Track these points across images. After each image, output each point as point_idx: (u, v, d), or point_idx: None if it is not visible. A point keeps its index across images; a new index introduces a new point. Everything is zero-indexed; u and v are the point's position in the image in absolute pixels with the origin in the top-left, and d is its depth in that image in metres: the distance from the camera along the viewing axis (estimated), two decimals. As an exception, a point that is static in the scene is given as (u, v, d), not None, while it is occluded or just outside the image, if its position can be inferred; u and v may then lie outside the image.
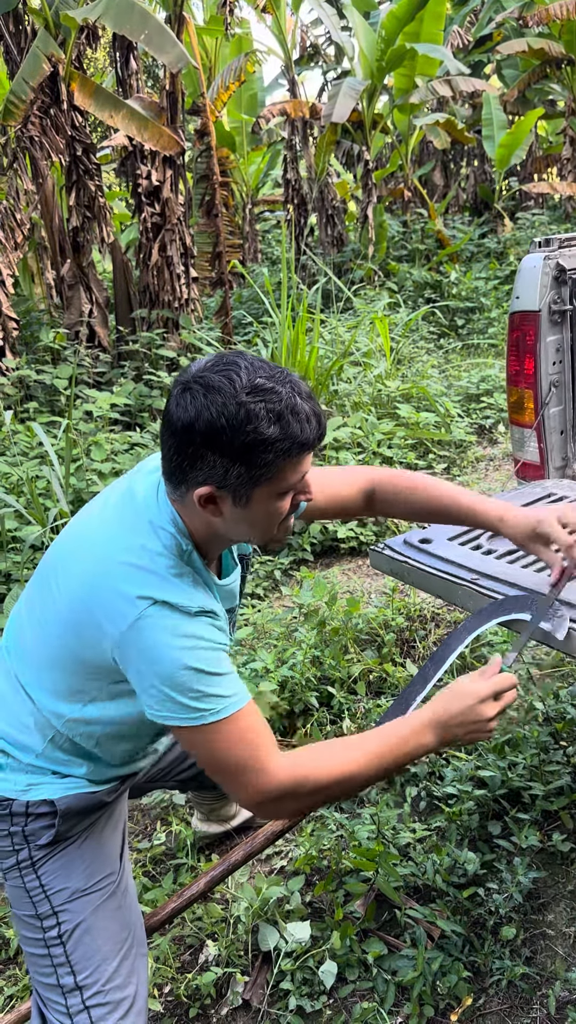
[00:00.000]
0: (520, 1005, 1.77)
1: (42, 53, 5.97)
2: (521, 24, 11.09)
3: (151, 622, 1.22)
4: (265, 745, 1.27)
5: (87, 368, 6.41)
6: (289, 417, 1.20)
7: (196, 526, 1.30)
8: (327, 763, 1.29)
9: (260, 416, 1.17)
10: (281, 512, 1.29)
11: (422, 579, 1.94)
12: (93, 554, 1.30)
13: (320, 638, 3.08)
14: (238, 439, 1.18)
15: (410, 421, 5.44)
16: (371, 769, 1.31)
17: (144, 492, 1.34)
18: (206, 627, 1.26)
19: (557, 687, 2.70)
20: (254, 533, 1.33)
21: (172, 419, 1.21)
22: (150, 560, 1.25)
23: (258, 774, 1.25)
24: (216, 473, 1.21)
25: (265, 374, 1.21)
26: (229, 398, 1.17)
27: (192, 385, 1.20)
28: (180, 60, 5.83)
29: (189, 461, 1.21)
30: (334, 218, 11.89)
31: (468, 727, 1.35)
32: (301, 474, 1.27)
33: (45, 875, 1.41)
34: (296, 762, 1.28)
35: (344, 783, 1.30)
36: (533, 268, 2.48)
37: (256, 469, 1.21)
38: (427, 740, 1.35)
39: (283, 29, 11.50)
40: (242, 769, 1.25)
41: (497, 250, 11.66)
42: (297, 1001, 1.80)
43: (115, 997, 1.40)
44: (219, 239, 7.48)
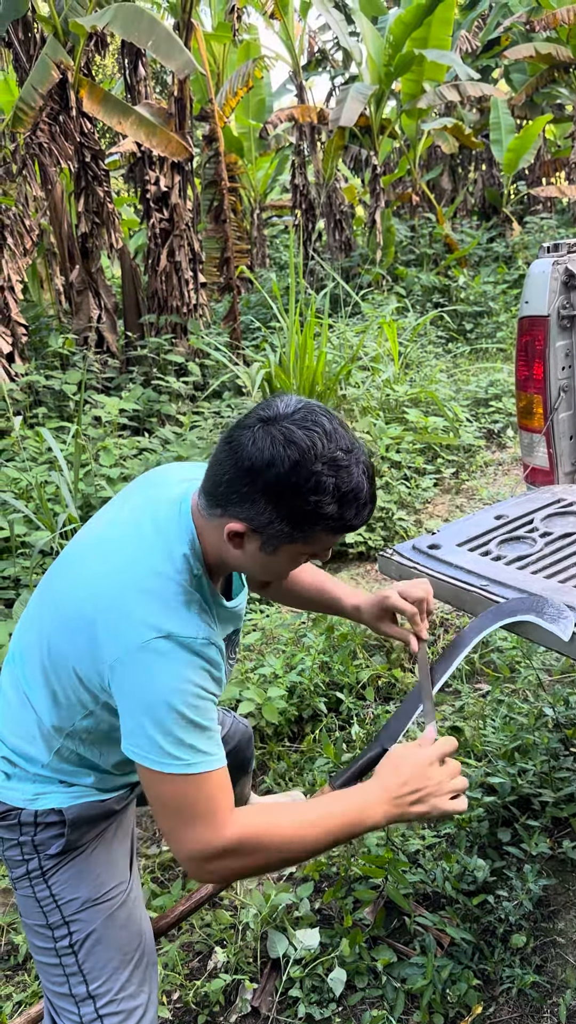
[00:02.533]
0: (530, 1014, 1.76)
1: (51, 60, 6.00)
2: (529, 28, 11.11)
3: (153, 656, 1.20)
4: (223, 806, 1.23)
5: (96, 373, 6.43)
6: (351, 500, 1.21)
7: (212, 547, 1.30)
8: (274, 824, 1.25)
9: (327, 491, 1.18)
10: (294, 567, 1.32)
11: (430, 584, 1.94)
12: (105, 569, 1.29)
13: (329, 643, 3.08)
14: (297, 503, 1.18)
15: (419, 425, 5.43)
16: (316, 836, 1.25)
17: (166, 507, 1.33)
18: (203, 674, 1.24)
19: (567, 693, 2.69)
20: (260, 575, 1.34)
21: (240, 452, 1.19)
22: (161, 585, 1.24)
23: (207, 832, 1.21)
24: (260, 519, 1.21)
25: (344, 447, 1.20)
26: (307, 461, 1.16)
27: (274, 429, 1.18)
28: (188, 66, 5.85)
29: (239, 496, 1.20)
30: (342, 223, 11.90)
31: (421, 795, 1.29)
32: (330, 547, 1.29)
33: (55, 885, 1.41)
34: (246, 821, 1.24)
35: (288, 846, 1.25)
36: (542, 273, 2.47)
37: (299, 532, 1.22)
38: (374, 814, 1.27)
39: (291, 35, 11.53)
40: (192, 824, 1.22)
41: (505, 254, 11.65)
42: (306, 1009, 1.79)
43: (128, 1006, 1.40)
44: (227, 244, 7.50)
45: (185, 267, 7.21)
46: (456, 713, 2.75)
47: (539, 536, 2.04)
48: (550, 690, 2.78)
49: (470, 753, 2.49)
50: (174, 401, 6.15)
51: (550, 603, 1.66)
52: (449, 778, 1.32)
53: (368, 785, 1.31)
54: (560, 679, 2.87)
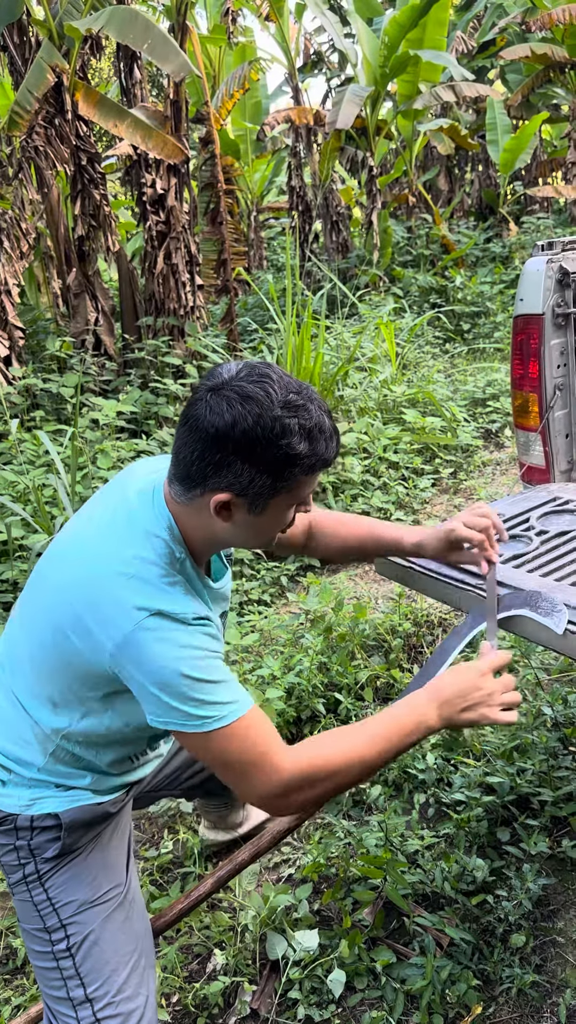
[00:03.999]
0: (530, 1014, 1.76)
1: (46, 63, 6.00)
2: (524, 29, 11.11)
3: (148, 634, 1.22)
4: (270, 743, 1.27)
5: (93, 376, 6.43)
6: (317, 435, 1.25)
7: (195, 531, 1.31)
8: (332, 752, 1.30)
9: (294, 431, 1.21)
10: (285, 522, 1.33)
11: (428, 584, 1.94)
12: (85, 563, 1.30)
13: (327, 644, 3.07)
14: (271, 452, 1.21)
15: (416, 426, 5.43)
16: (376, 753, 1.31)
17: (138, 498, 1.34)
18: (201, 636, 1.26)
19: (566, 692, 2.69)
20: (254, 540, 1.35)
21: (202, 424, 1.21)
22: (143, 569, 1.25)
23: (266, 772, 1.26)
24: (241, 481, 1.23)
25: (294, 389, 1.24)
26: (266, 410, 1.20)
27: (226, 391, 1.21)
28: (183, 69, 5.85)
29: (215, 467, 1.22)
30: (339, 224, 11.91)
31: (471, 701, 1.35)
32: (312, 488, 1.32)
33: (52, 888, 1.41)
34: (302, 755, 1.28)
35: (351, 769, 1.30)
36: (536, 272, 2.47)
37: (280, 481, 1.24)
38: (429, 719, 1.34)
39: (286, 37, 11.53)
40: (250, 769, 1.26)
41: (502, 254, 11.65)
42: (306, 1010, 1.79)
43: (125, 1008, 1.40)
44: (224, 246, 7.50)
45: (182, 269, 7.21)
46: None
47: (535, 535, 2.04)
48: (548, 689, 2.77)
49: (469, 753, 2.49)
50: (172, 403, 6.14)
51: (544, 597, 1.66)
52: (502, 690, 1.38)
53: (421, 692, 1.37)
54: (559, 678, 2.87)
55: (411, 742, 1.34)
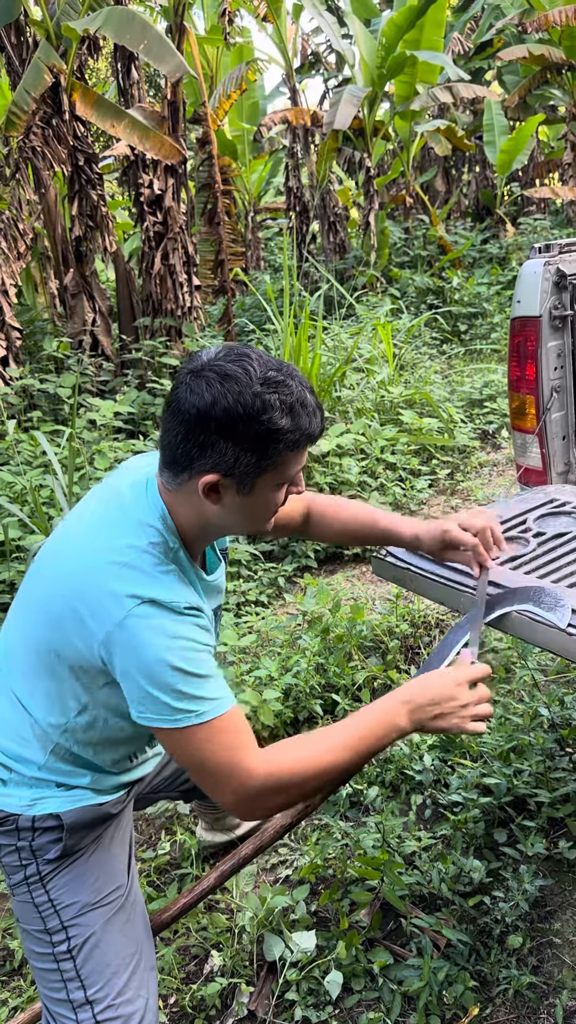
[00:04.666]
0: (527, 1015, 1.76)
1: (43, 64, 6.00)
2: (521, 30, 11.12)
3: (139, 621, 1.22)
4: (245, 747, 1.26)
5: (90, 377, 6.43)
6: (299, 409, 1.25)
7: (188, 519, 1.31)
8: (305, 757, 1.29)
9: (275, 407, 1.22)
10: (277, 503, 1.33)
11: (425, 586, 1.94)
12: (78, 554, 1.30)
13: (324, 645, 3.07)
14: (253, 428, 1.21)
15: (413, 427, 5.43)
16: (347, 758, 1.31)
17: (131, 490, 1.35)
18: (192, 627, 1.26)
19: (562, 693, 2.69)
20: (247, 523, 1.35)
21: (183, 405, 1.22)
22: (136, 557, 1.26)
23: (238, 776, 1.25)
24: (226, 461, 1.23)
25: (274, 367, 1.25)
26: (245, 387, 1.20)
27: (206, 372, 1.22)
28: (179, 69, 5.85)
29: (199, 448, 1.23)
30: (336, 225, 11.91)
31: (442, 709, 1.34)
32: (301, 466, 1.32)
33: (54, 890, 1.40)
34: (274, 760, 1.28)
35: (322, 775, 1.30)
36: (534, 274, 2.48)
37: (265, 458, 1.24)
38: (401, 722, 1.34)
39: (284, 38, 11.53)
40: (222, 771, 1.25)
41: (499, 255, 11.66)
42: (303, 1012, 1.79)
43: (126, 1011, 1.39)
44: (221, 247, 7.50)
45: (179, 270, 7.21)
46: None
47: (532, 536, 2.05)
48: (545, 691, 2.78)
49: (466, 754, 2.49)
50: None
51: (547, 592, 1.66)
52: (475, 702, 1.37)
53: (394, 695, 1.36)
54: (555, 679, 2.88)
55: (382, 746, 1.34)
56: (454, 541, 1.67)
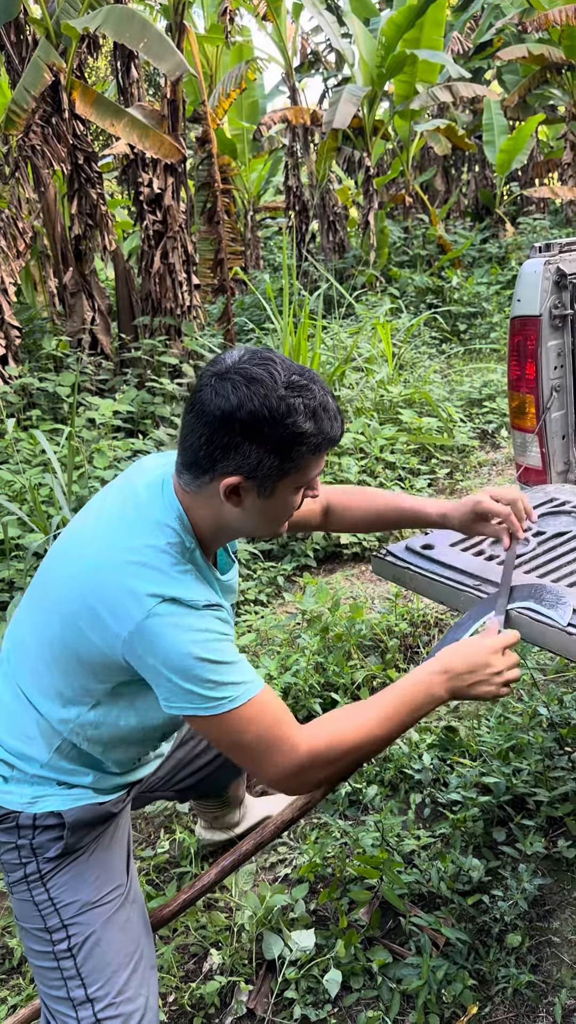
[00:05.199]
0: (526, 1013, 1.76)
1: (43, 62, 5.99)
2: (521, 30, 11.12)
3: (160, 620, 1.23)
4: (284, 722, 1.29)
5: (90, 376, 6.42)
6: (322, 414, 1.27)
7: (204, 520, 1.32)
8: (347, 729, 1.31)
9: (299, 411, 1.23)
10: (295, 506, 1.35)
11: (424, 585, 1.94)
12: (95, 553, 1.31)
13: (323, 644, 3.07)
14: (278, 431, 1.23)
15: (412, 426, 5.43)
16: (388, 728, 1.34)
17: (147, 490, 1.35)
18: (213, 620, 1.27)
19: (561, 692, 2.70)
20: (264, 526, 1.37)
21: (208, 407, 1.23)
22: (154, 557, 1.26)
23: (282, 752, 1.27)
24: (249, 463, 1.24)
25: (297, 371, 1.26)
26: (271, 391, 1.22)
27: (231, 375, 1.23)
28: (179, 68, 5.85)
29: (222, 450, 1.24)
30: (335, 224, 11.91)
31: (478, 677, 1.37)
32: (319, 470, 1.34)
33: (54, 888, 1.40)
34: (315, 733, 1.30)
35: (364, 746, 1.33)
36: (534, 273, 2.48)
37: (288, 461, 1.26)
38: (438, 691, 1.36)
39: (283, 36, 11.53)
40: (266, 750, 1.27)
41: (499, 255, 11.66)
42: (302, 1010, 1.79)
43: (126, 1009, 1.39)
44: (221, 246, 7.50)
45: (179, 269, 7.21)
46: (451, 713, 2.75)
47: (532, 535, 2.05)
48: (544, 690, 2.78)
49: (465, 753, 2.49)
50: (168, 403, 6.13)
51: (548, 589, 1.67)
52: (508, 668, 1.40)
53: (428, 666, 1.39)
54: (554, 678, 2.88)
55: (421, 715, 1.37)
56: (487, 512, 1.70)
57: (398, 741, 2.54)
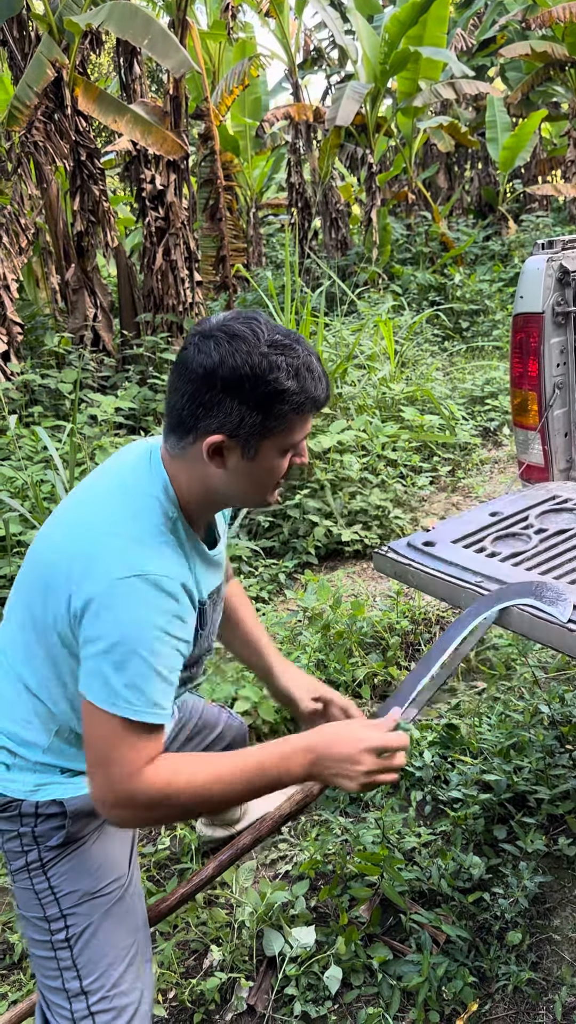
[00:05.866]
0: (526, 1011, 1.76)
1: (46, 58, 5.99)
2: (524, 27, 11.11)
3: (123, 593, 1.20)
4: (145, 759, 1.23)
5: (92, 372, 6.42)
6: (305, 374, 1.25)
7: (190, 487, 1.31)
8: (189, 782, 1.24)
9: (281, 368, 1.22)
10: (280, 471, 1.32)
11: (426, 582, 1.94)
12: (77, 524, 1.30)
13: (324, 641, 3.07)
14: (259, 388, 1.22)
15: (415, 424, 5.43)
16: (232, 794, 1.27)
17: (135, 461, 1.35)
18: (172, 617, 1.24)
19: (563, 690, 2.69)
20: (250, 491, 1.33)
21: (191, 365, 1.23)
22: (133, 526, 1.25)
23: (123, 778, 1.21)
24: (231, 421, 1.23)
25: (282, 332, 1.26)
26: (253, 347, 1.22)
27: (215, 333, 1.23)
28: (183, 65, 5.84)
29: (205, 408, 1.23)
30: (338, 221, 11.90)
31: (340, 770, 1.29)
32: (305, 433, 1.32)
33: (54, 877, 1.40)
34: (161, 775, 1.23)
35: (199, 805, 1.27)
36: (536, 270, 2.47)
37: (271, 420, 1.24)
38: (296, 770, 1.29)
39: (286, 33, 11.52)
40: (110, 766, 1.22)
41: (501, 252, 11.65)
42: (302, 1007, 1.79)
43: (120, 1003, 1.39)
44: (223, 243, 7.49)
45: (181, 266, 7.21)
46: (452, 710, 2.75)
47: (534, 533, 2.04)
48: (545, 688, 2.78)
49: (466, 750, 2.49)
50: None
51: (548, 586, 1.66)
52: (378, 771, 1.29)
53: (301, 739, 1.31)
54: (555, 676, 2.87)
55: (271, 788, 1.29)
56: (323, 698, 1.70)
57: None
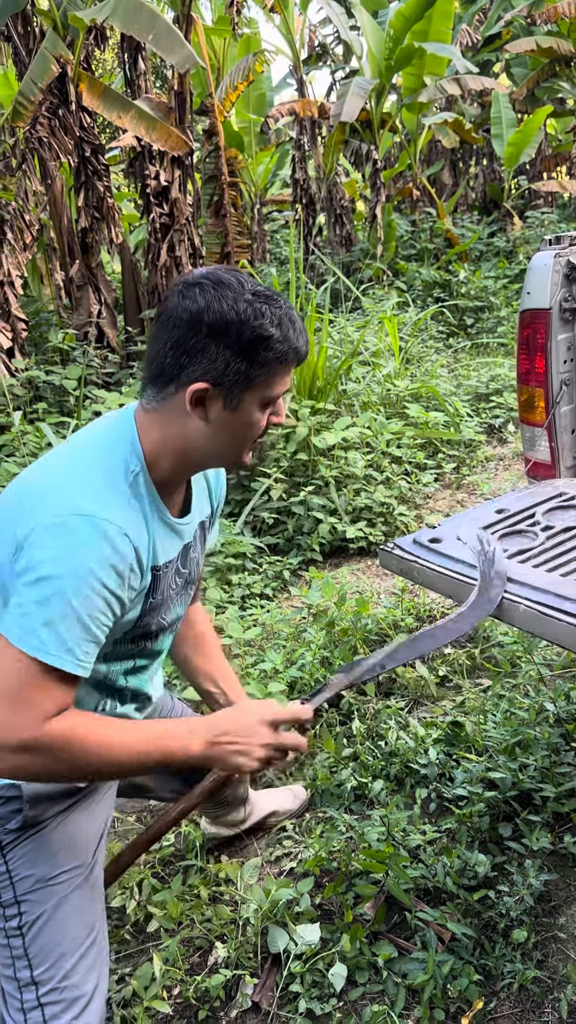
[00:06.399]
0: (532, 1009, 1.76)
1: (50, 54, 5.98)
2: (530, 22, 11.07)
3: (63, 532, 1.19)
4: (49, 705, 1.20)
5: (96, 368, 6.42)
6: (288, 324, 1.27)
7: (165, 442, 1.30)
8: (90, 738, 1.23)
9: (264, 315, 1.24)
10: (260, 427, 1.33)
11: (432, 579, 1.93)
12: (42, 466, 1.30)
13: (329, 639, 3.07)
14: (245, 333, 1.23)
15: (419, 421, 5.42)
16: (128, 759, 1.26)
17: (103, 421, 1.36)
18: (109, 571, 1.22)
19: (568, 688, 2.69)
20: (229, 446, 1.33)
21: (176, 312, 1.24)
22: (88, 472, 1.25)
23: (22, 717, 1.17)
24: (216, 367, 1.24)
25: (264, 286, 1.29)
26: (239, 294, 1.24)
27: (200, 281, 1.25)
28: (188, 60, 5.83)
29: (189, 354, 1.24)
30: (343, 218, 11.87)
31: (236, 745, 1.31)
32: (285, 388, 1.33)
33: (12, 860, 1.38)
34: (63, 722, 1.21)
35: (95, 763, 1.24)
36: (544, 266, 2.46)
37: (254, 367, 1.25)
38: (193, 746, 1.30)
39: (291, 29, 11.48)
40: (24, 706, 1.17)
41: (506, 249, 11.62)
42: (307, 1004, 1.79)
43: (70, 995, 1.37)
44: (228, 239, 7.48)
45: (185, 262, 7.20)
46: (457, 708, 2.75)
47: (541, 530, 2.04)
48: (551, 685, 2.77)
49: (471, 748, 2.48)
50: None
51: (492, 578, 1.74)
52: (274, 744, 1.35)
53: (204, 720, 1.35)
54: (561, 674, 2.87)
55: (166, 762, 1.29)
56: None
57: (402, 735, 2.54)
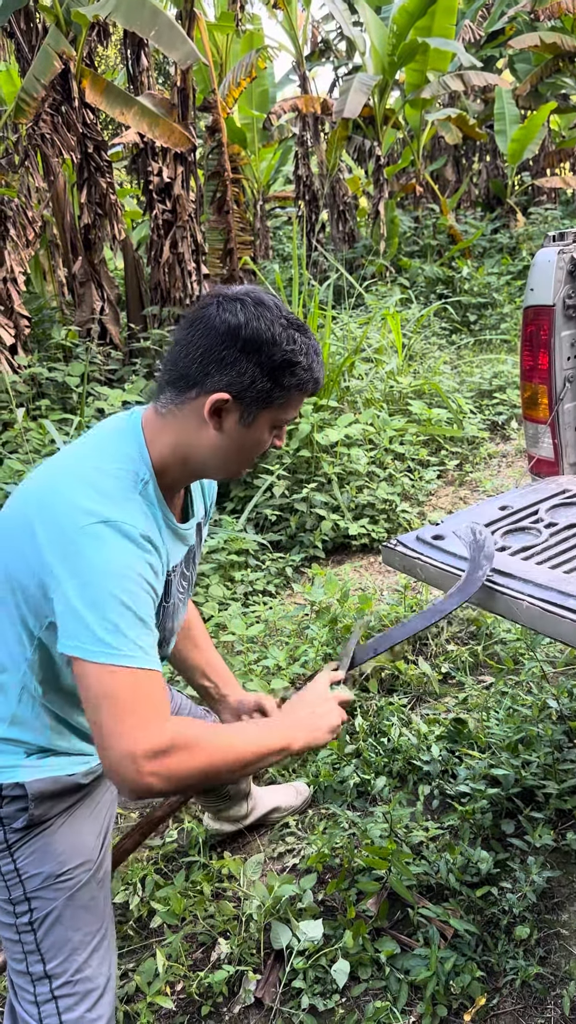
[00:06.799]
0: (534, 1005, 1.76)
1: (53, 50, 5.96)
2: (533, 18, 11.03)
3: (92, 540, 1.20)
4: (160, 706, 1.20)
5: (99, 365, 6.41)
6: (314, 356, 1.33)
7: (173, 449, 1.32)
8: (214, 733, 1.28)
9: (295, 341, 1.29)
10: (264, 446, 1.37)
11: (434, 576, 1.93)
12: (46, 476, 1.31)
13: (332, 635, 3.07)
14: (276, 355, 1.27)
15: (422, 417, 5.41)
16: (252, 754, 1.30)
17: (111, 425, 1.36)
18: (144, 563, 1.24)
19: (571, 685, 2.68)
20: (233, 461, 1.36)
21: (213, 321, 1.27)
22: (101, 479, 1.26)
23: (143, 725, 1.16)
24: (242, 381, 1.27)
25: (295, 315, 1.33)
26: (276, 318, 1.28)
27: (241, 297, 1.29)
28: (190, 56, 5.81)
29: (218, 364, 1.26)
30: (345, 214, 11.85)
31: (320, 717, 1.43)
32: (296, 414, 1.38)
33: (20, 859, 1.38)
34: (182, 723, 1.23)
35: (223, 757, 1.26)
36: (548, 262, 2.45)
37: (277, 389, 1.29)
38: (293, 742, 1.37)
39: (294, 24, 11.45)
40: (125, 718, 1.16)
41: (509, 245, 11.59)
42: (309, 1000, 1.79)
43: (83, 988, 1.39)
44: (230, 236, 7.47)
45: (188, 258, 7.18)
46: (460, 705, 2.75)
47: (544, 527, 2.03)
48: (554, 682, 2.77)
49: (474, 745, 2.48)
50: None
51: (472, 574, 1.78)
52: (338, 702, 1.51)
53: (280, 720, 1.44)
54: (564, 671, 2.87)
55: (271, 762, 1.35)
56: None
57: (405, 732, 2.54)
